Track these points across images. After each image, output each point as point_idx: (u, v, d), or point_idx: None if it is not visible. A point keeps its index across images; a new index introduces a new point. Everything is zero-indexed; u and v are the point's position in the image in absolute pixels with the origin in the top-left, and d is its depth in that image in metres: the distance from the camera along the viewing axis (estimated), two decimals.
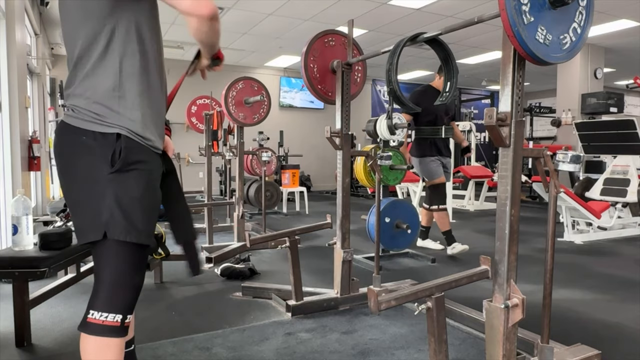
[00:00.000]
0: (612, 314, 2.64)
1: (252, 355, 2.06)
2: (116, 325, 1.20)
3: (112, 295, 1.21)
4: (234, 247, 3.86)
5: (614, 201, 5.10)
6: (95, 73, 1.21)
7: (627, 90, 10.70)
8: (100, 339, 1.21)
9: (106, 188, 1.19)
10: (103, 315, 1.19)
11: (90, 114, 1.21)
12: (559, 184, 1.71)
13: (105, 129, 1.20)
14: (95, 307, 1.20)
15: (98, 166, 1.19)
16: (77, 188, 1.24)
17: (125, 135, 1.21)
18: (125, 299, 1.23)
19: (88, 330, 1.21)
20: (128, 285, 1.23)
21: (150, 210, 1.26)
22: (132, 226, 1.20)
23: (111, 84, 1.21)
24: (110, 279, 1.22)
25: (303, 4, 6.23)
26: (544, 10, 1.40)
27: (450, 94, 2.01)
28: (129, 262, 1.23)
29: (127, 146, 1.21)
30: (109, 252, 1.22)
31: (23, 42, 4.38)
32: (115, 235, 1.19)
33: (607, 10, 6.40)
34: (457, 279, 1.55)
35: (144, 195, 1.23)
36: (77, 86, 1.23)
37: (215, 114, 4.82)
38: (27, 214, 2.07)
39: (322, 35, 2.71)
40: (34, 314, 2.25)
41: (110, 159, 1.19)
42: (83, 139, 1.21)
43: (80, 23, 1.21)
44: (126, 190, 1.20)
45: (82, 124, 1.21)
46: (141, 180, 1.23)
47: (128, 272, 1.23)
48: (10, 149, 3.73)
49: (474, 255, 4.08)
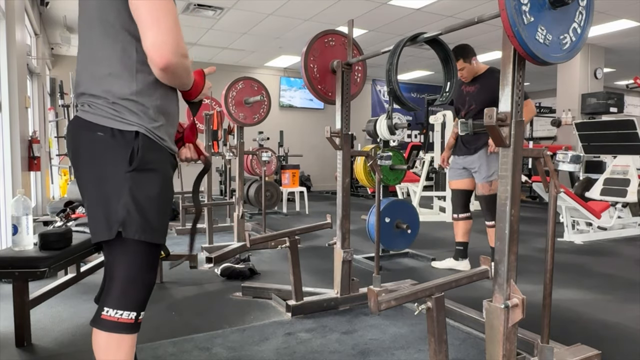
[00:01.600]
0: (612, 314, 2.64)
1: (252, 355, 2.06)
2: (130, 322, 1.23)
3: (126, 293, 1.23)
4: (234, 247, 3.87)
5: (614, 201, 5.10)
6: (112, 73, 1.21)
7: (627, 90, 10.71)
8: (113, 335, 1.22)
9: (123, 186, 1.19)
10: (118, 313, 1.21)
11: (110, 110, 1.21)
12: (559, 184, 1.71)
13: (124, 127, 1.20)
14: (110, 304, 1.22)
15: (115, 164, 1.20)
16: (93, 185, 1.24)
17: (143, 134, 1.21)
18: (139, 297, 1.25)
19: (102, 327, 1.22)
20: (141, 283, 1.25)
21: (165, 209, 1.28)
22: (147, 225, 1.21)
23: (129, 85, 1.21)
24: (124, 276, 1.23)
25: (303, 4, 6.23)
26: (544, 10, 1.40)
27: (450, 94, 2.01)
28: (143, 261, 1.25)
29: (145, 145, 1.21)
30: (124, 250, 1.23)
31: (23, 42, 4.38)
32: (131, 234, 1.20)
33: (607, 10, 6.40)
34: (457, 279, 1.55)
35: (160, 194, 1.25)
36: (94, 86, 1.23)
37: (215, 114, 4.82)
38: (27, 214, 2.07)
39: (322, 35, 2.71)
40: (34, 314, 2.25)
41: (129, 157, 1.19)
42: (100, 135, 1.20)
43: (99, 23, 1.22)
44: (143, 189, 1.21)
45: (100, 120, 1.21)
46: (157, 179, 1.25)
47: (141, 270, 1.25)
48: (10, 149, 3.73)
49: (474, 255, 4.09)
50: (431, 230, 5.43)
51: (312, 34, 2.69)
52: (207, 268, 3.55)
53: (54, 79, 7.48)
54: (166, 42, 1.13)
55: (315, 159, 10.74)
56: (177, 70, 1.18)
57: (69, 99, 6.20)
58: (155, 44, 1.13)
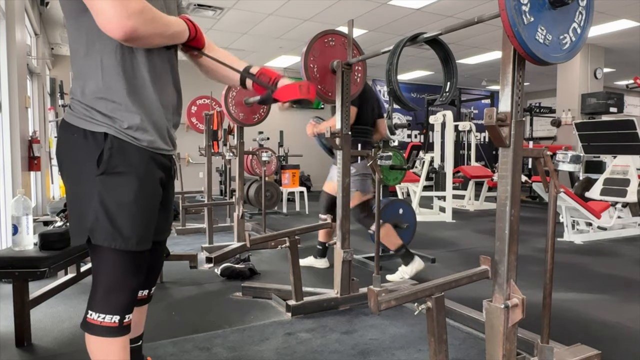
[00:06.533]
0: (612, 314, 2.64)
1: (252, 355, 2.06)
2: (114, 325, 1.20)
3: (107, 297, 1.20)
4: (234, 247, 3.86)
5: (614, 201, 5.10)
6: (82, 72, 1.18)
7: (627, 90, 10.70)
8: (100, 338, 1.21)
9: (93, 190, 1.15)
10: (100, 317, 1.19)
11: (83, 110, 1.17)
12: (559, 184, 1.71)
13: (94, 127, 1.16)
14: (93, 308, 1.21)
15: (87, 166, 1.16)
16: (68, 187, 1.22)
17: (113, 136, 1.16)
18: (121, 301, 1.21)
19: (88, 330, 1.22)
20: (123, 288, 1.22)
21: (142, 215, 1.21)
22: (117, 232, 1.16)
23: (96, 83, 1.16)
24: (104, 282, 1.21)
25: (303, 4, 6.23)
26: (544, 10, 1.40)
27: (450, 94, 2.01)
28: (122, 267, 1.20)
29: (115, 147, 1.16)
30: (99, 256, 1.20)
31: (23, 42, 4.38)
32: (99, 241, 1.16)
33: (607, 10, 6.40)
34: (457, 279, 1.54)
35: (133, 200, 1.18)
36: (73, 86, 1.21)
37: (215, 114, 4.82)
38: (27, 214, 2.07)
39: (322, 35, 2.70)
40: (34, 314, 2.25)
41: (97, 160, 1.15)
42: (74, 136, 1.18)
43: (67, 21, 1.20)
44: (114, 194, 1.16)
45: (75, 121, 1.18)
46: (131, 183, 1.18)
47: (121, 276, 1.21)
48: (10, 149, 3.73)
49: (474, 255, 4.08)
50: (431, 230, 5.44)
51: (312, 34, 2.69)
52: (207, 268, 3.55)
53: (54, 79, 7.48)
54: (111, 15, 1.04)
55: (315, 159, 10.72)
56: (142, 32, 1.08)
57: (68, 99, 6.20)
58: (104, 22, 1.05)
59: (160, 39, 1.16)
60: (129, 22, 1.04)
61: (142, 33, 1.08)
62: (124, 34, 1.05)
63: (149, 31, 1.10)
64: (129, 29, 1.05)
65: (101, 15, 1.05)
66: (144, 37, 1.10)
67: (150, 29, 1.10)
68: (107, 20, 1.04)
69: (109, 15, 1.03)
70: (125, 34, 1.05)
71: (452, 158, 6.43)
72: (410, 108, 2.28)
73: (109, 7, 1.03)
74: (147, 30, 1.09)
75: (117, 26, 1.04)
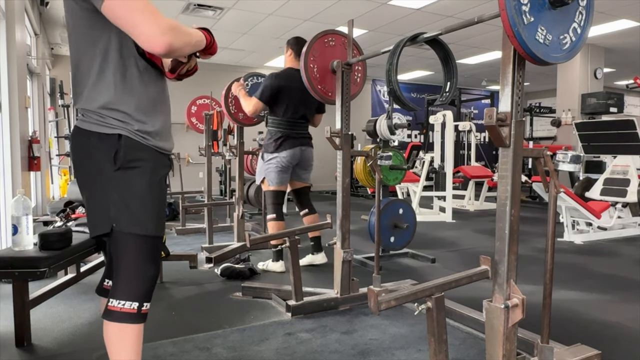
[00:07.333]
0: (612, 314, 2.64)
1: (252, 355, 2.06)
2: (132, 312, 1.31)
3: (128, 284, 1.33)
4: (234, 247, 3.87)
5: (614, 201, 5.10)
6: (96, 86, 1.31)
7: (627, 90, 10.70)
8: (119, 325, 1.32)
9: (111, 184, 1.31)
10: (120, 303, 1.31)
11: (96, 117, 1.32)
12: (559, 184, 1.71)
13: (108, 130, 1.31)
14: (115, 296, 1.32)
15: (104, 165, 1.31)
16: (89, 185, 1.36)
17: (125, 136, 1.31)
18: (140, 288, 1.34)
19: (109, 317, 1.32)
20: (142, 275, 1.35)
21: (155, 204, 1.36)
22: (136, 219, 1.32)
23: (109, 96, 1.31)
24: (124, 269, 1.34)
25: (303, 4, 6.23)
26: (544, 10, 1.40)
27: (450, 94, 2.01)
28: (140, 253, 1.34)
29: (128, 145, 1.31)
30: (121, 244, 1.34)
31: (23, 42, 4.38)
32: (122, 228, 1.31)
33: (607, 10, 6.40)
34: (457, 279, 1.54)
35: (147, 190, 1.34)
36: (84, 97, 1.33)
37: (215, 114, 4.82)
38: (27, 214, 2.07)
39: (322, 35, 2.71)
40: (34, 314, 2.25)
41: (113, 157, 1.30)
42: (90, 140, 1.32)
43: (81, 34, 1.31)
44: (130, 186, 1.31)
45: (90, 127, 1.32)
46: (144, 175, 1.34)
47: (140, 262, 1.34)
48: (10, 149, 3.73)
49: (474, 255, 4.09)
50: (431, 230, 5.44)
51: (312, 34, 2.69)
52: (207, 268, 3.55)
53: (54, 79, 7.49)
54: (150, 35, 1.19)
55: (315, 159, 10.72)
56: (177, 45, 1.24)
57: (68, 99, 6.20)
58: (146, 42, 1.20)
59: (189, 48, 1.33)
60: (166, 37, 1.20)
61: (177, 45, 1.24)
62: (164, 49, 1.21)
63: (180, 43, 1.26)
64: (167, 44, 1.20)
65: (141, 36, 1.20)
66: (178, 48, 1.26)
67: (181, 40, 1.26)
68: (148, 40, 1.19)
69: (149, 35, 1.19)
70: (166, 49, 1.21)
71: (452, 158, 6.42)
72: (410, 108, 2.28)
73: (146, 28, 1.19)
74: (179, 42, 1.25)
75: (158, 44, 1.19)
